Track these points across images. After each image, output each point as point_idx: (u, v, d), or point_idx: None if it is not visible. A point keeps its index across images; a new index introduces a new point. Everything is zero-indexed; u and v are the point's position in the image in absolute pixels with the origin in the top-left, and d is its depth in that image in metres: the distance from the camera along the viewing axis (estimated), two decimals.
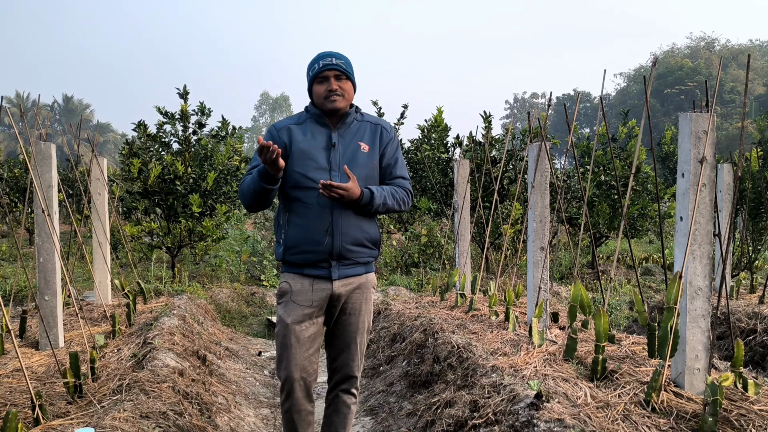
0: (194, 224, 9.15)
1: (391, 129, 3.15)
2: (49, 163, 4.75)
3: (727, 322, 5.03)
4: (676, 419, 2.91)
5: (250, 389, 5.15)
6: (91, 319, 5.69)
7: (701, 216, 3.20)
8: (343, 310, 3.05)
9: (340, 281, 2.97)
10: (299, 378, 2.97)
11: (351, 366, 3.13)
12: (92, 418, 3.13)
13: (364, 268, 3.07)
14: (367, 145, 3.03)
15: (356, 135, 3.03)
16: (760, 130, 10.37)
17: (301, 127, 3.00)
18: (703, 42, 65.25)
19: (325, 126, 3.00)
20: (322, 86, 2.95)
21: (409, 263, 11.17)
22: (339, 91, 2.93)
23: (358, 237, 2.97)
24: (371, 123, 3.10)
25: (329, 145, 2.96)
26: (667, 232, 14.06)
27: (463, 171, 6.86)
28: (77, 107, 65.28)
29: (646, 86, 3.63)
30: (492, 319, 5.31)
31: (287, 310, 2.97)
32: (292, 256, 2.96)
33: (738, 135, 40.55)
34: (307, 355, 2.98)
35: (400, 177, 3.12)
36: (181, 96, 9.12)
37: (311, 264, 2.95)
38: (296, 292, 2.96)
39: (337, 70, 2.93)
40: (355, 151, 2.99)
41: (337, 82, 2.94)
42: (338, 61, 2.94)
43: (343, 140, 2.99)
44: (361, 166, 2.97)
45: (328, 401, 3.22)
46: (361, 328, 3.10)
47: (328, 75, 2.93)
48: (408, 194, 3.11)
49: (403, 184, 3.11)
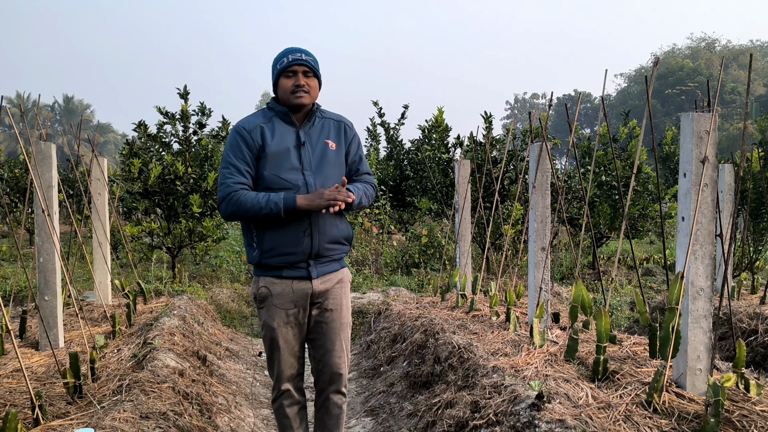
0: (194, 224, 9.14)
1: (352, 125, 3.19)
2: (49, 163, 4.75)
3: (728, 323, 5.02)
4: (678, 420, 2.90)
5: (250, 389, 5.14)
6: (91, 320, 5.68)
7: (703, 216, 3.19)
8: (324, 307, 3.05)
9: (319, 279, 2.99)
10: (290, 375, 3.07)
11: (338, 363, 3.11)
12: (92, 419, 3.12)
13: (339, 264, 3.11)
14: (334, 143, 3.04)
15: (322, 132, 3.03)
16: (761, 131, 10.36)
17: (269, 126, 2.96)
18: (704, 42, 65.27)
19: (291, 124, 2.98)
20: (289, 81, 2.92)
21: (409, 264, 11.15)
22: (305, 88, 2.92)
23: (335, 235, 3.00)
24: (334, 120, 3.11)
25: (299, 144, 2.95)
26: (668, 232, 14.05)
27: (463, 171, 6.85)
28: (78, 107, 65.30)
29: (647, 86, 3.62)
30: (493, 319, 5.30)
31: (270, 314, 2.98)
32: (270, 259, 2.93)
33: (739, 135, 40.51)
34: (294, 352, 3.05)
35: (365, 173, 3.18)
36: (182, 96, 9.11)
37: (289, 266, 2.94)
38: (276, 295, 2.96)
39: (306, 66, 2.92)
40: (324, 149, 2.99)
41: (304, 78, 2.92)
42: (307, 57, 2.94)
43: (311, 138, 2.99)
44: (331, 165, 2.99)
45: (318, 404, 3.20)
46: (344, 323, 3.11)
47: (296, 70, 2.91)
48: (374, 189, 3.21)
49: (370, 180, 3.19)
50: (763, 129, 10.32)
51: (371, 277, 9.91)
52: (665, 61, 59.46)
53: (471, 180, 7.16)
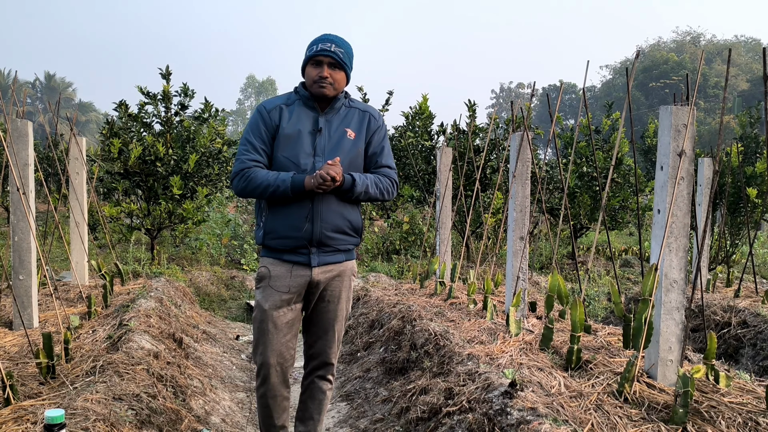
0: (174, 206, 9.07)
1: (379, 117, 3.10)
2: (25, 140, 4.68)
3: (701, 315, 5.08)
4: (648, 410, 2.93)
5: (226, 373, 5.13)
6: (67, 300, 5.63)
7: (678, 209, 3.21)
8: (322, 297, 3.03)
9: (319, 268, 2.95)
10: (276, 363, 2.97)
11: (328, 353, 3.12)
12: (64, 399, 3.10)
13: (344, 255, 3.04)
14: (354, 132, 2.98)
15: (343, 121, 2.99)
16: (742, 126, 10.46)
17: (289, 109, 2.95)
18: (689, 36, 65.71)
19: (313, 110, 2.96)
20: (314, 70, 2.89)
21: (390, 250, 11.18)
22: (329, 80, 2.88)
23: (339, 224, 2.94)
24: (359, 110, 3.05)
25: (315, 130, 2.92)
26: (646, 224, 14.17)
27: (445, 159, 6.85)
28: (59, 85, 64.37)
29: (628, 78, 3.63)
30: (470, 307, 5.33)
31: (265, 295, 2.95)
32: (272, 241, 2.93)
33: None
34: (285, 340, 2.97)
35: (385, 166, 3.07)
36: (164, 76, 9.01)
37: (291, 250, 2.92)
38: (275, 277, 2.94)
39: (333, 58, 2.87)
40: (341, 137, 2.95)
41: (329, 69, 2.88)
42: (337, 48, 2.88)
43: (330, 126, 2.95)
44: (345, 153, 2.93)
45: (304, 386, 3.21)
46: (339, 316, 3.08)
47: (322, 60, 2.87)
48: (393, 184, 3.07)
49: (389, 174, 3.06)
50: (743, 124, 10.43)
51: None
52: (650, 54, 59.80)
53: (453, 168, 7.16)
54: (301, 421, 3.21)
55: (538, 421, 2.72)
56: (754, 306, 5.69)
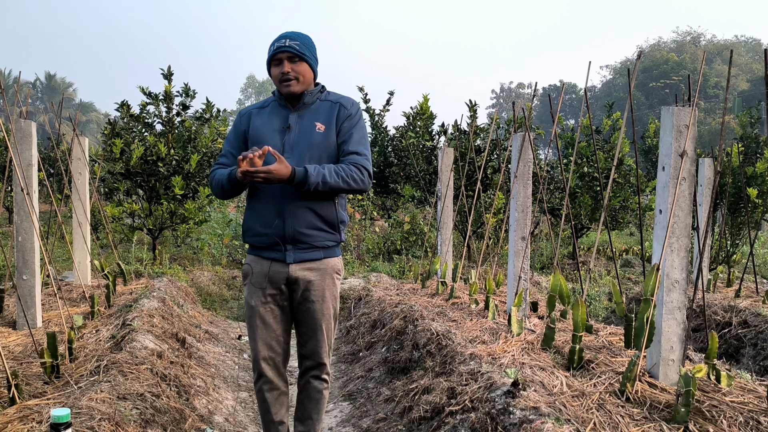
0: (176, 206, 9.09)
1: (351, 105, 3.01)
2: (29, 141, 4.70)
3: (702, 315, 5.10)
4: (650, 409, 2.95)
5: (229, 372, 5.15)
6: (70, 300, 5.65)
7: (680, 209, 3.23)
8: (306, 297, 3.01)
9: (297, 265, 2.95)
10: (267, 357, 3.04)
11: (319, 353, 3.11)
12: (69, 399, 3.12)
13: (323, 252, 3.00)
14: (323, 125, 2.94)
15: (313, 115, 2.97)
16: (742, 126, 10.46)
17: (263, 111, 3.02)
18: (689, 36, 65.64)
19: (285, 108, 2.99)
20: (276, 69, 2.90)
21: (391, 250, 11.18)
22: (292, 74, 2.87)
23: (309, 220, 2.92)
24: (331, 102, 3.01)
25: (284, 128, 2.94)
26: (647, 224, 14.17)
27: (447, 159, 6.86)
28: (60, 85, 64.39)
29: (629, 79, 3.65)
30: (472, 307, 5.34)
31: (249, 292, 3.03)
32: (250, 239, 3.01)
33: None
34: (275, 335, 3.03)
35: (353, 153, 2.93)
36: (166, 77, 9.03)
37: (268, 247, 2.96)
38: (256, 274, 3.00)
39: (290, 52, 2.85)
40: (310, 131, 2.93)
41: (290, 64, 2.87)
42: (292, 42, 2.86)
43: (302, 121, 2.95)
44: (315, 147, 2.91)
45: (300, 386, 3.22)
46: (326, 315, 3.07)
47: (281, 58, 2.87)
48: (361, 170, 2.90)
49: (356, 160, 2.91)
50: (743, 124, 10.43)
51: (353, 262, 9.93)
52: (651, 54, 59.75)
53: (454, 168, 7.18)
54: (300, 421, 3.23)
55: (541, 420, 2.74)
56: (754, 306, 5.71)
